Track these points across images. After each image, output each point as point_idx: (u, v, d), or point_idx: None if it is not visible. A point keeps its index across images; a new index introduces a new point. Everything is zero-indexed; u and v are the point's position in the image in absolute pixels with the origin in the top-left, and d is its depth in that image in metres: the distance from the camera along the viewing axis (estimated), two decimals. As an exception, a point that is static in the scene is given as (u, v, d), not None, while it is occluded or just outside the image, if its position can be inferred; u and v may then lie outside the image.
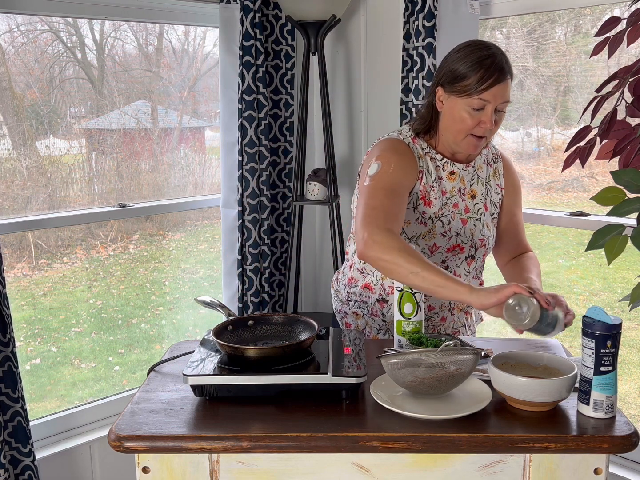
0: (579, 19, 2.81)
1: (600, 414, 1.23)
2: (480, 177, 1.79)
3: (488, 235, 1.79)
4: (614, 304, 3.28)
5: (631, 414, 2.88)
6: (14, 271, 2.94)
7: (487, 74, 1.57)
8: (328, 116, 2.75)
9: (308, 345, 1.42)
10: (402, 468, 1.22)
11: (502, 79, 1.58)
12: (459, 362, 1.25)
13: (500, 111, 1.63)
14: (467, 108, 1.60)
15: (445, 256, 1.75)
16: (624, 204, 1.11)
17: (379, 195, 1.59)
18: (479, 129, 1.62)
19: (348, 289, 1.90)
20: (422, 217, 1.71)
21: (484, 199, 1.78)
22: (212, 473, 1.23)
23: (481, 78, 1.57)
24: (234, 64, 2.60)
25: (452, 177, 1.74)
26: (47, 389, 2.94)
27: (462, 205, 1.75)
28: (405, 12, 2.44)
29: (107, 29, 2.75)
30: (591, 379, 1.23)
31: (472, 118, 1.61)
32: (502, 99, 1.60)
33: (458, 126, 1.63)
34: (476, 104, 1.59)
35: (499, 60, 1.59)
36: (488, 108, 1.59)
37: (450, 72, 1.63)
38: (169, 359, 1.55)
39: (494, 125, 1.62)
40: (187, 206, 2.82)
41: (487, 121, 1.60)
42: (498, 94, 1.58)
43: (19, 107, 2.54)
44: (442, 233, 1.72)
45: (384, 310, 1.83)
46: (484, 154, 1.81)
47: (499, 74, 1.58)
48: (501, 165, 1.84)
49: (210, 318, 3.18)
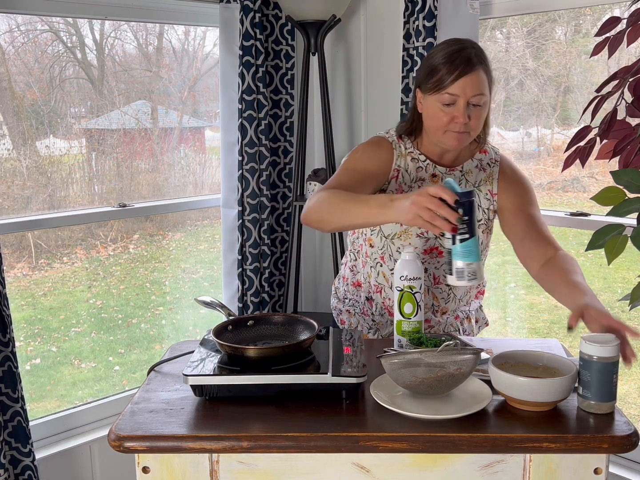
0: (579, 19, 2.81)
1: (463, 282, 1.27)
2: (469, 181, 1.75)
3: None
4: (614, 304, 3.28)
5: (631, 414, 2.88)
6: (14, 271, 2.94)
7: (452, 67, 1.57)
8: (328, 116, 2.75)
9: (308, 345, 1.42)
10: (402, 468, 1.22)
11: (469, 70, 1.56)
12: (459, 362, 1.25)
13: (476, 105, 1.59)
14: (439, 104, 1.60)
15: (423, 258, 1.74)
16: (624, 204, 1.11)
17: (336, 174, 1.67)
18: (454, 124, 1.60)
19: (344, 287, 1.92)
20: None
21: None
22: (212, 473, 1.23)
23: (446, 72, 1.57)
24: (234, 64, 2.60)
25: (434, 179, 1.73)
26: (47, 389, 2.94)
27: None
28: (405, 12, 2.44)
29: (107, 29, 2.75)
30: (451, 248, 1.28)
31: (446, 114, 1.60)
32: (473, 92, 1.57)
33: (434, 124, 1.63)
34: (446, 99, 1.59)
35: (466, 53, 1.58)
36: (459, 102, 1.58)
37: (424, 71, 1.64)
38: (169, 359, 1.55)
39: (467, 119, 1.58)
40: (187, 206, 2.82)
41: (460, 115, 1.58)
42: (467, 86, 1.57)
43: (19, 107, 2.54)
44: (418, 234, 1.72)
45: (372, 310, 1.84)
46: (477, 158, 1.77)
47: (464, 66, 1.56)
48: (497, 171, 1.77)
49: (210, 318, 3.18)
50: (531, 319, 3.55)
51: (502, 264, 3.51)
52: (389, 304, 1.81)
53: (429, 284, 1.77)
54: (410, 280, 1.53)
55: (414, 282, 1.53)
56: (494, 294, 3.56)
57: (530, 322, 3.54)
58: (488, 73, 1.62)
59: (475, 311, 1.93)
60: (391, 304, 1.80)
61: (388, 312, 1.82)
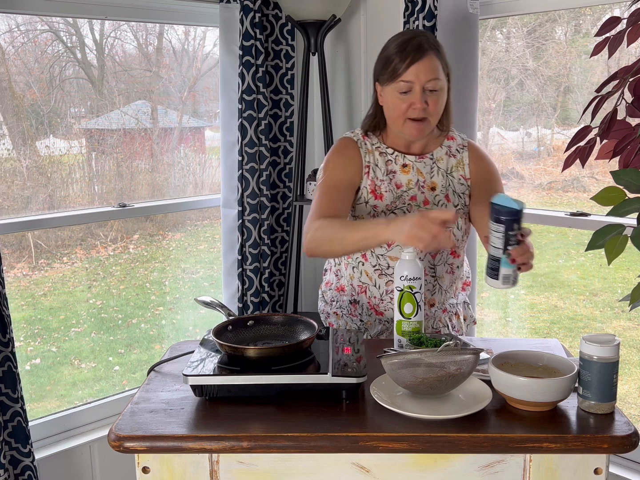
0: (579, 19, 2.81)
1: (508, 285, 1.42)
2: (441, 168, 1.78)
3: (451, 227, 1.74)
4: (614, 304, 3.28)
5: (631, 414, 2.88)
6: (14, 271, 2.93)
7: (404, 55, 1.62)
8: (328, 116, 2.75)
9: (308, 345, 1.42)
10: (402, 468, 1.22)
11: (421, 56, 1.61)
12: (459, 362, 1.25)
13: (432, 90, 1.63)
14: (396, 93, 1.64)
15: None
16: (624, 204, 1.11)
17: (318, 196, 1.72)
18: (412, 111, 1.64)
19: (330, 291, 1.93)
20: (374, 210, 1.74)
21: (446, 190, 1.77)
22: (212, 473, 1.23)
23: (399, 60, 1.62)
24: (234, 63, 2.60)
25: (405, 169, 1.76)
26: (47, 389, 2.94)
27: (421, 198, 1.75)
28: (405, 12, 2.44)
29: (107, 29, 2.75)
30: (500, 257, 1.39)
31: (403, 102, 1.64)
32: (427, 77, 1.61)
33: (393, 113, 1.67)
34: (402, 87, 1.63)
35: (417, 41, 1.62)
36: (415, 88, 1.62)
37: (379, 64, 1.69)
38: (169, 359, 1.55)
39: (424, 105, 1.62)
40: (187, 206, 2.82)
41: (417, 102, 1.62)
42: (420, 72, 1.61)
43: (19, 107, 2.53)
44: None
45: (359, 311, 1.85)
46: (446, 144, 1.80)
47: (415, 52, 1.61)
48: (467, 155, 1.79)
49: (210, 318, 3.18)
50: (531, 319, 3.55)
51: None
52: (374, 303, 1.81)
53: None
54: (410, 280, 1.53)
55: (414, 282, 1.53)
56: (494, 294, 3.56)
57: (530, 322, 3.54)
58: (441, 58, 1.66)
59: (463, 308, 1.94)
60: (377, 302, 1.80)
61: (375, 312, 1.83)
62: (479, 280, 2.57)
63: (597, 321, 3.33)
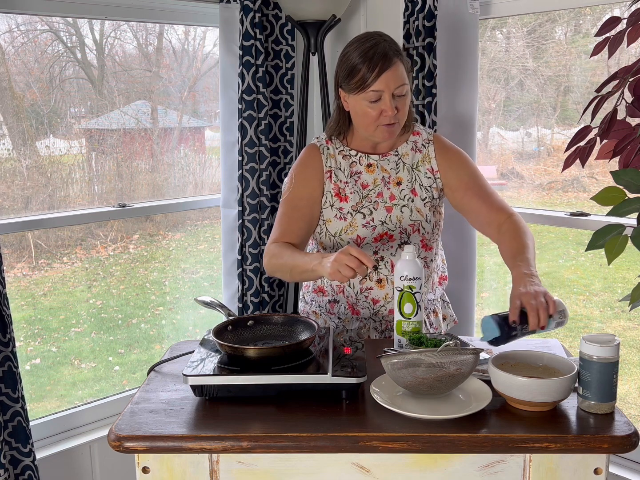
0: (579, 19, 2.81)
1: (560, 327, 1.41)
2: (406, 164, 1.80)
3: (420, 220, 1.78)
4: (614, 304, 3.28)
5: (631, 414, 2.88)
6: (14, 271, 2.94)
7: (371, 65, 1.62)
8: (328, 116, 2.75)
9: (308, 345, 1.42)
10: (402, 468, 1.22)
11: (388, 65, 1.62)
12: (459, 362, 1.25)
13: (400, 96, 1.66)
14: (365, 102, 1.66)
15: (375, 246, 1.78)
16: (624, 204, 1.11)
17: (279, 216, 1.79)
18: (384, 118, 1.67)
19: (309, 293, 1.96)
20: (340, 212, 1.78)
21: (411, 185, 1.79)
22: (212, 473, 1.23)
23: (367, 71, 1.62)
24: (234, 64, 2.60)
25: (370, 169, 1.80)
26: (47, 389, 2.94)
27: (387, 194, 1.78)
28: (405, 12, 2.44)
29: (107, 29, 2.75)
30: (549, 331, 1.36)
31: (374, 110, 1.66)
32: (395, 84, 1.64)
33: (364, 121, 1.70)
34: (372, 96, 1.65)
35: (381, 49, 1.63)
36: (385, 97, 1.64)
37: (343, 72, 1.70)
38: (169, 359, 1.55)
39: (395, 111, 1.65)
40: (187, 206, 2.82)
41: (388, 109, 1.65)
42: (389, 80, 1.63)
43: (19, 107, 2.54)
44: (363, 224, 1.76)
45: (334, 310, 1.87)
46: (412, 140, 1.82)
47: (382, 62, 1.62)
48: (432, 149, 1.82)
49: (210, 318, 3.18)
50: (531, 319, 3.54)
51: (502, 264, 3.51)
52: (352, 302, 1.83)
53: (387, 271, 1.79)
54: (410, 280, 1.53)
55: (413, 282, 1.53)
56: (494, 294, 3.56)
57: (530, 322, 3.53)
58: (404, 62, 1.68)
59: (442, 306, 1.95)
60: (354, 301, 1.83)
61: (352, 310, 1.85)
62: (479, 280, 2.57)
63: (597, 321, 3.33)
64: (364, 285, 1.80)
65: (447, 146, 1.84)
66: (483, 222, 1.75)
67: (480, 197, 1.76)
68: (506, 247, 1.64)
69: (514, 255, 1.58)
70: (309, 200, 1.79)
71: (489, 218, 1.73)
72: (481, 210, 1.75)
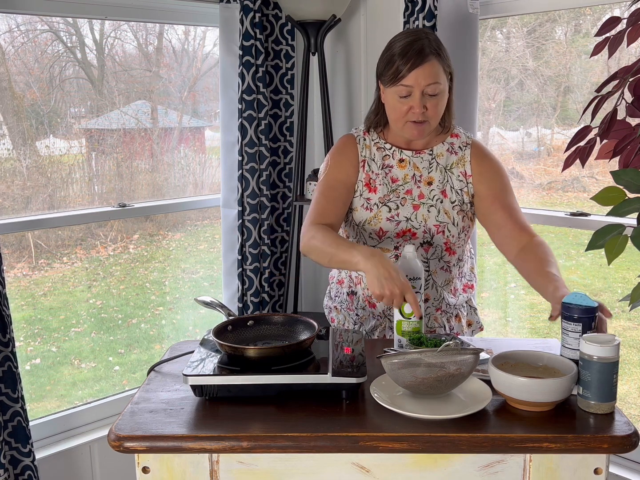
0: (579, 19, 2.81)
1: None
2: (440, 164, 1.79)
3: (447, 222, 1.76)
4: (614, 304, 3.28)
5: (631, 414, 2.88)
6: (14, 271, 2.93)
7: (404, 60, 1.63)
8: (328, 116, 2.75)
9: (308, 345, 1.42)
10: (402, 468, 1.22)
11: (420, 62, 1.62)
12: (459, 362, 1.25)
13: (432, 95, 1.65)
14: (396, 96, 1.67)
15: (397, 242, 1.77)
16: (624, 204, 1.11)
17: (316, 197, 1.79)
18: (412, 114, 1.66)
19: (334, 286, 1.97)
20: (367, 203, 1.78)
21: (442, 186, 1.78)
22: (212, 473, 1.23)
23: (400, 64, 1.63)
24: (234, 63, 2.60)
25: (402, 164, 1.79)
26: (47, 389, 2.94)
27: (417, 192, 1.78)
28: (405, 12, 2.44)
29: (107, 29, 2.75)
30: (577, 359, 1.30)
31: (403, 105, 1.66)
32: (426, 82, 1.63)
33: (393, 115, 1.71)
34: (402, 90, 1.65)
35: (418, 45, 1.63)
36: (415, 93, 1.64)
37: (382, 62, 1.71)
38: (169, 359, 1.55)
39: (423, 109, 1.65)
40: (187, 206, 2.82)
41: (416, 106, 1.64)
42: (420, 77, 1.62)
43: (19, 107, 2.53)
44: (388, 218, 1.76)
45: (355, 305, 1.87)
46: (449, 141, 1.81)
47: (416, 57, 1.62)
48: (469, 153, 1.80)
49: (210, 318, 3.18)
50: (531, 319, 3.55)
51: (502, 264, 3.51)
52: (368, 294, 1.83)
53: None
54: (411, 280, 1.53)
55: (414, 282, 1.53)
56: (494, 294, 3.56)
57: (530, 322, 3.54)
58: (442, 61, 1.67)
59: (467, 311, 1.93)
60: (370, 293, 1.81)
61: (368, 304, 1.84)
62: (479, 280, 2.57)
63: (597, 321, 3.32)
64: None
65: (485, 153, 1.82)
66: (505, 236, 1.73)
67: (507, 211, 1.74)
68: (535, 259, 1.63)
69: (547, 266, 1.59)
70: (346, 183, 1.79)
71: (512, 234, 1.71)
72: (506, 225, 1.73)
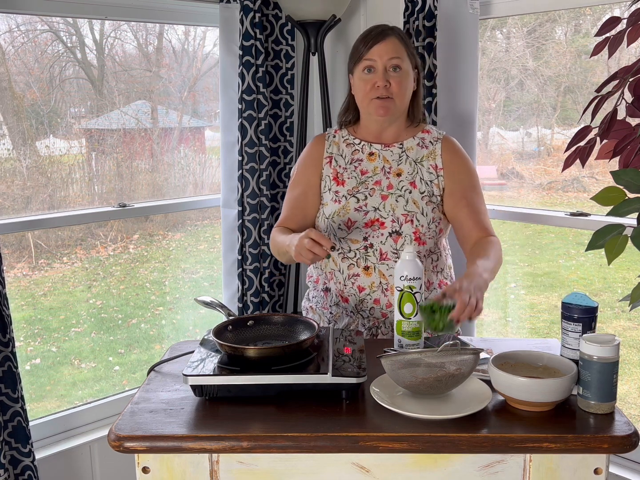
0: (579, 19, 2.81)
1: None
2: (410, 157, 1.85)
3: (415, 211, 1.79)
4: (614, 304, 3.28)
5: (631, 414, 2.88)
6: (14, 271, 2.94)
7: (368, 37, 1.78)
8: (328, 116, 2.75)
9: (308, 345, 1.42)
10: (402, 468, 1.22)
11: (382, 38, 1.76)
12: (459, 362, 1.25)
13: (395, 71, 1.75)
14: (361, 74, 1.78)
15: (365, 232, 1.80)
16: (624, 204, 1.11)
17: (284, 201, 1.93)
18: (376, 90, 1.76)
19: (310, 285, 2.00)
20: (335, 196, 1.84)
21: (412, 177, 1.83)
22: (212, 473, 1.23)
23: (363, 43, 1.78)
24: (234, 63, 2.60)
25: (371, 157, 1.87)
26: (47, 389, 2.94)
27: (386, 183, 1.83)
28: (405, 12, 2.44)
29: (107, 29, 2.75)
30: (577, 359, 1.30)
31: (367, 81, 1.77)
32: (388, 55, 1.75)
33: (360, 95, 1.80)
34: (365, 65, 1.77)
35: (381, 27, 1.79)
36: (377, 67, 1.76)
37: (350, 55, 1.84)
38: (169, 359, 1.55)
39: (386, 82, 1.75)
40: (187, 206, 2.82)
41: (379, 79, 1.74)
42: (382, 51, 1.75)
43: (19, 107, 2.54)
44: (356, 208, 1.81)
45: (329, 302, 1.88)
46: (420, 136, 1.87)
47: (378, 34, 1.77)
48: (440, 147, 1.86)
49: (210, 318, 3.18)
50: (531, 319, 3.55)
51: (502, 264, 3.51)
52: (339, 289, 1.84)
53: (375, 259, 1.79)
54: (410, 280, 1.53)
55: (413, 282, 1.53)
56: (494, 294, 3.56)
57: (530, 322, 3.54)
58: (406, 45, 1.79)
59: None
60: (341, 287, 1.84)
61: (341, 299, 1.85)
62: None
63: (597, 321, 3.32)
64: (351, 271, 1.81)
65: (457, 149, 1.88)
66: (464, 234, 1.80)
67: (471, 210, 1.80)
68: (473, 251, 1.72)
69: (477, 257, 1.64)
70: (305, 187, 1.88)
71: (470, 233, 1.78)
72: (466, 223, 1.79)
